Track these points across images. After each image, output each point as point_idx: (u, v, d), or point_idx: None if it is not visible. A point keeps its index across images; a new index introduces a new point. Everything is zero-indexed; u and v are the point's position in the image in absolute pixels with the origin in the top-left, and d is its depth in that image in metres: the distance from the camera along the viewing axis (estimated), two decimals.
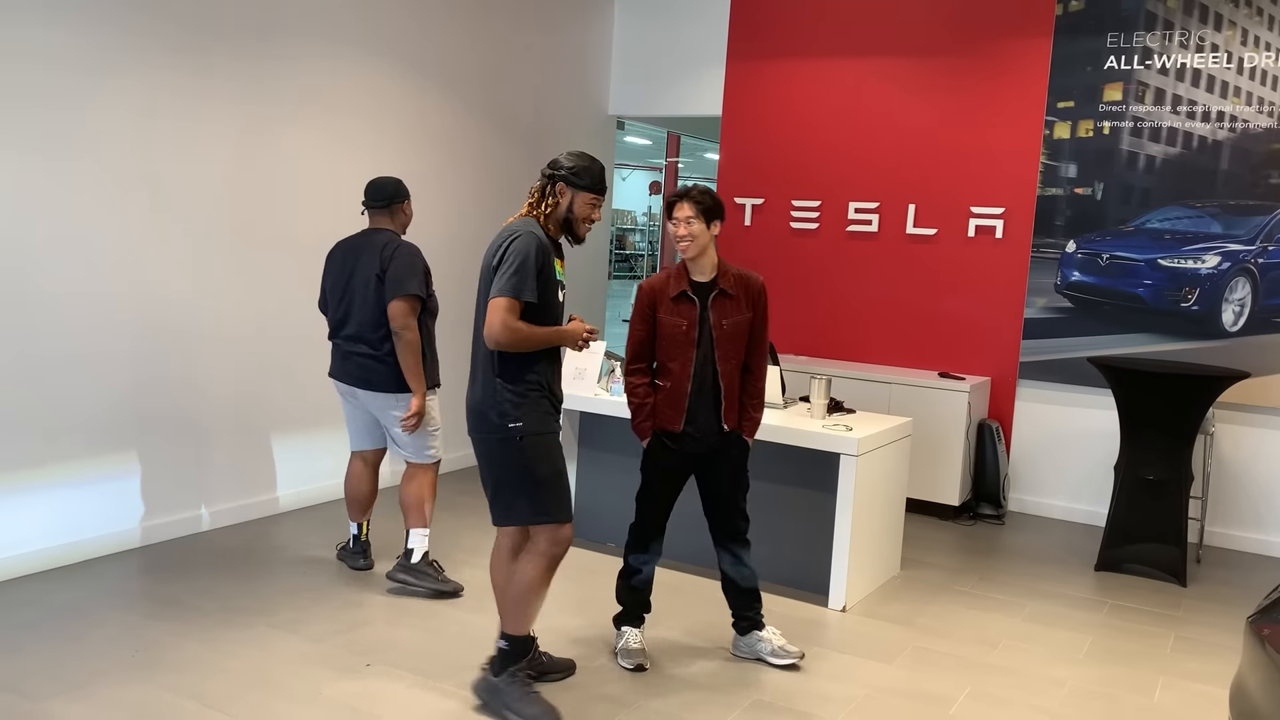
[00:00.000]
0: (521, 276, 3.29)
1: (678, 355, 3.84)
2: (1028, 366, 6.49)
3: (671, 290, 3.85)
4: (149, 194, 4.86)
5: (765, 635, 4.03)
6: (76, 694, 3.44)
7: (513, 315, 3.29)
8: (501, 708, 3.42)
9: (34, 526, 4.56)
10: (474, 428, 3.46)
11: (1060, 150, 6.36)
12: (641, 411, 3.88)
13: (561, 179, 3.47)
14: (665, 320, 3.84)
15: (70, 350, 4.61)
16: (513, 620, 3.45)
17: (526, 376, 3.38)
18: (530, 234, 3.36)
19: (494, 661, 3.49)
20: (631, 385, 3.91)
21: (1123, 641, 4.47)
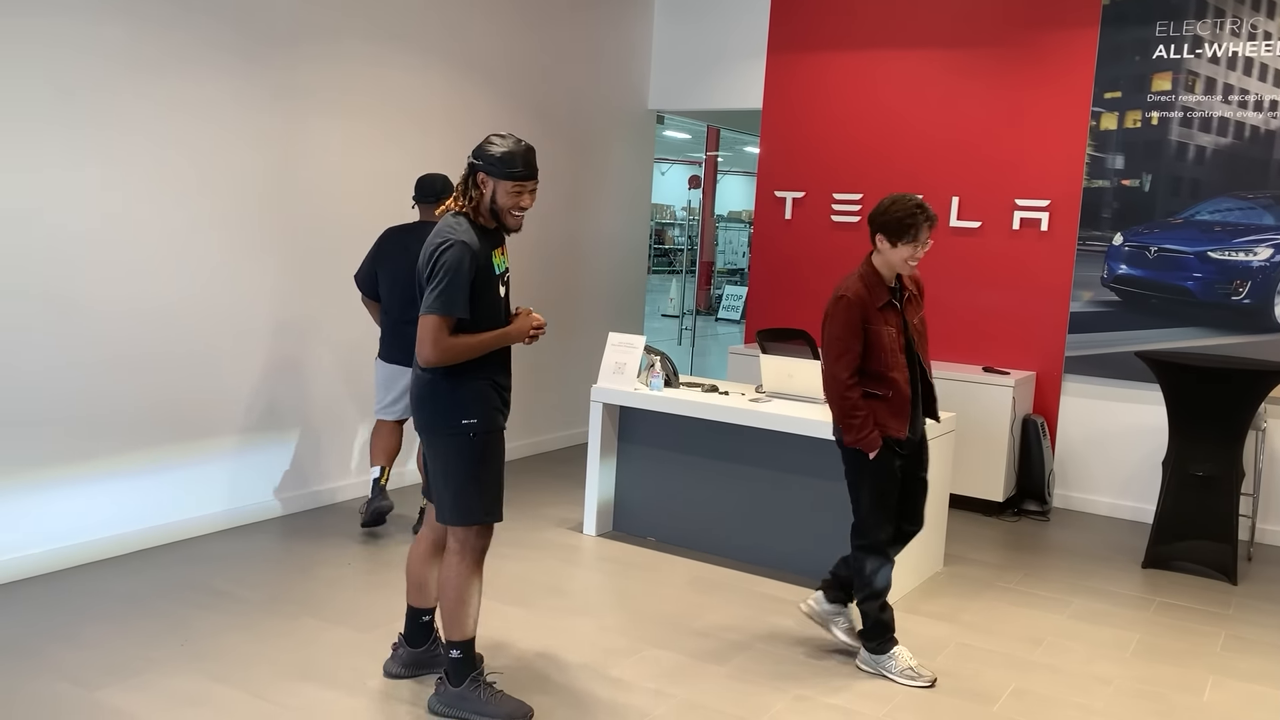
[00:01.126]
0: (451, 293, 3.16)
1: (896, 364, 3.79)
2: (1073, 361, 6.40)
3: (877, 300, 3.79)
4: (192, 191, 4.93)
5: (847, 611, 4.09)
6: (128, 683, 3.51)
7: (443, 333, 3.17)
8: (471, 714, 3.33)
9: (88, 517, 4.65)
10: (423, 421, 3.35)
11: (1107, 141, 6.26)
12: (869, 423, 3.75)
13: (480, 168, 3.25)
14: (879, 330, 3.77)
15: (120, 346, 4.69)
16: (456, 626, 3.35)
17: (471, 370, 3.28)
18: (460, 243, 3.19)
19: (449, 674, 3.38)
20: (855, 400, 3.74)
21: (1171, 640, 4.41)
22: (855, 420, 3.75)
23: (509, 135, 3.30)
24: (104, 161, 4.56)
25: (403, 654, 3.67)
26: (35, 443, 4.43)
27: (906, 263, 3.77)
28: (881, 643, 3.88)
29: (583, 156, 7.42)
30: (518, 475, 6.63)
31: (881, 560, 3.89)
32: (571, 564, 4.99)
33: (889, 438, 3.79)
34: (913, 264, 3.78)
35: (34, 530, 4.46)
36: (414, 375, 3.38)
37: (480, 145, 3.28)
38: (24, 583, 4.36)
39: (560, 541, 5.31)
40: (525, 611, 4.31)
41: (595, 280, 7.70)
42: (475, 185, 3.28)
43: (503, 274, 3.39)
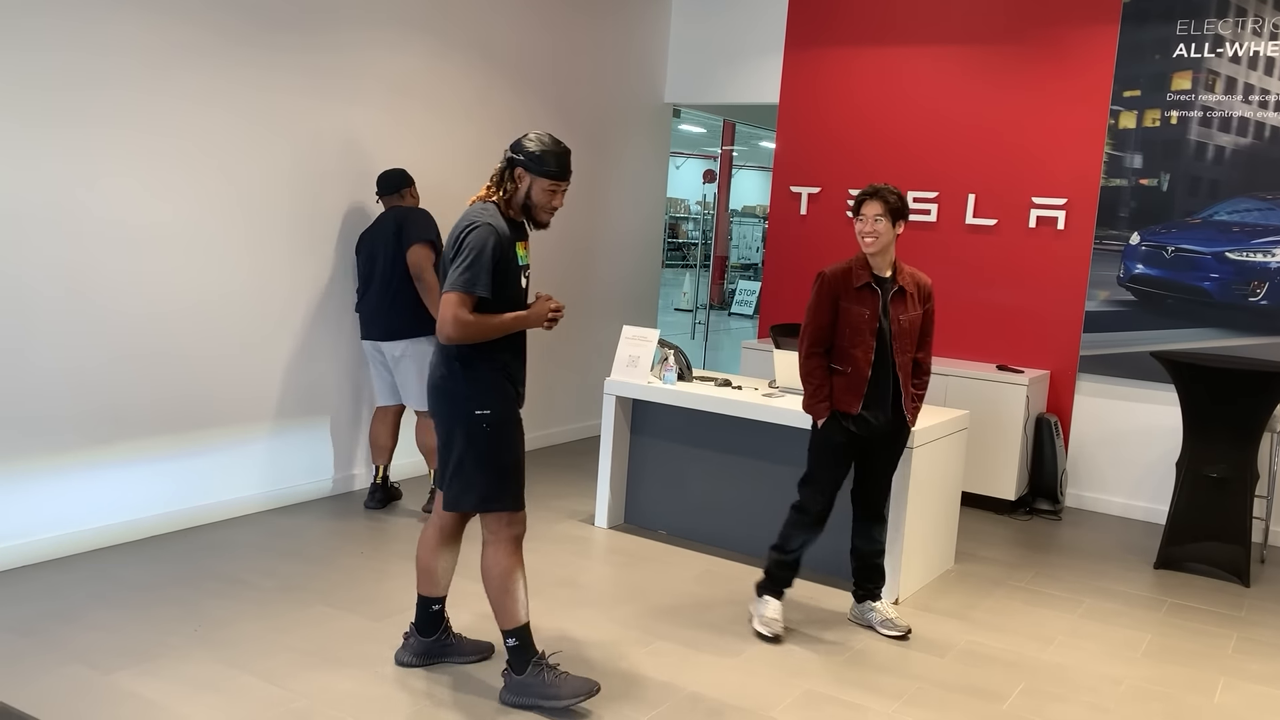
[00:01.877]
0: (475, 271, 3.20)
1: (860, 343, 4.00)
2: (1088, 360, 6.38)
3: (855, 281, 4.01)
4: (214, 180, 4.96)
5: (878, 606, 4.26)
6: (142, 667, 3.54)
7: (464, 309, 3.21)
8: (538, 699, 3.36)
9: (105, 503, 4.69)
10: (437, 410, 3.40)
11: (1125, 140, 6.24)
12: (820, 393, 4.05)
13: (520, 164, 3.32)
14: (849, 309, 4.00)
15: (139, 334, 4.72)
16: (507, 616, 3.38)
17: (490, 361, 3.33)
18: (487, 225, 3.25)
19: (511, 664, 3.42)
20: (810, 368, 4.05)
21: (1182, 641, 4.40)
22: (809, 387, 4.06)
23: (548, 134, 3.38)
24: (128, 155, 4.58)
25: (414, 643, 3.69)
26: (54, 429, 4.46)
27: (862, 238, 3.99)
28: (762, 585, 4.22)
29: (598, 149, 7.43)
30: (530, 467, 6.65)
31: (804, 525, 4.10)
32: (583, 556, 5.01)
33: (840, 412, 4.02)
34: (867, 239, 3.97)
35: (51, 515, 4.50)
36: (430, 365, 3.44)
37: (519, 141, 3.34)
38: (40, 566, 4.40)
39: (572, 533, 5.32)
40: (537, 602, 4.33)
41: (609, 273, 7.71)
42: (512, 179, 3.35)
43: (524, 267, 3.42)
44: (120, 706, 3.26)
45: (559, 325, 7.23)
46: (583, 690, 3.37)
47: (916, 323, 4.10)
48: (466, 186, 6.34)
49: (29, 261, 4.31)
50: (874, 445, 4.12)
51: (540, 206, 3.37)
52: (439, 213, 5.86)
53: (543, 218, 3.40)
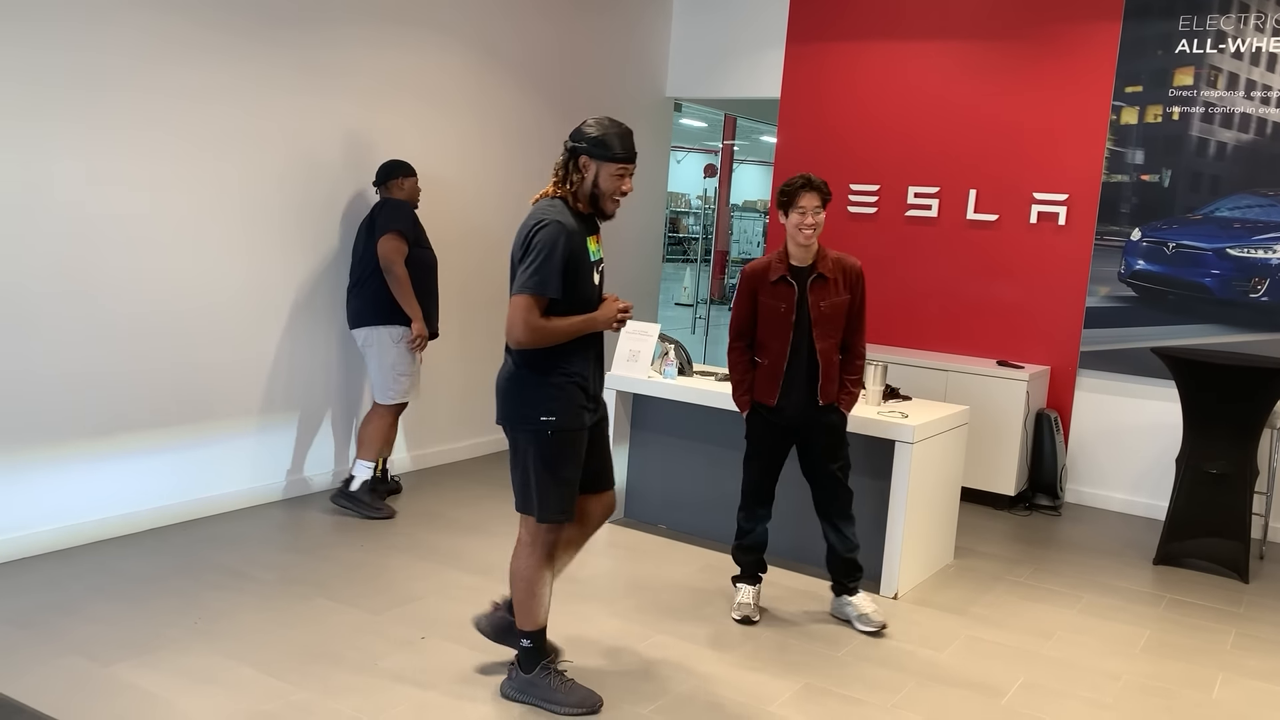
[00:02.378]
0: (546, 272, 3.11)
1: (776, 335, 4.09)
2: (1089, 356, 6.38)
3: (772, 275, 4.10)
4: (211, 175, 4.95)
5: (855, 601, 4.26)
6: (141, 659, 3.54)
7: (534, 313, 3.12)
8: (541, 701, 3.37)
9: (104, 496, 4.69)
10: (503, 416, 3.32)
11: (1127, 136, 6.23)
12: (741, 386, 4.20)
13: (584, 152, 3.21)
14: (765, 303, 4.10)
15: (137, 326, 4.72)
16: (527, 617, 3.36)
17: (560, 367, 3.23)
18: (556, 222, 3.15)
19: (520, 661, 3.42)
20: (732, 361, 4.21)
21: (1181, 636, 4.40)
22: (731, 379, 4.24)
23: (606, 117, 3.28)
24: (125, 152, 4.58)
25: (498, 617, 3.58)
26: (54, 423, 4.46)
27: (799, 229, 3.98)
28: (735, 577, 4.34)
29: None
30: None
31: (748, 505, 4.25)
32: (583, 550, 4.99)
33: (760, 403, 4.15)
34: (806, 231, 3.96)
35: (50, 507, 4.50)
36: (500, 370, 3.34)
37: (579, 129, 3.24)
38: (39, 559, 4.41)
39: None
40: None
41: (610, 267, 7.69)
42: (577, 169, 3.24)
43: (597, 262, 3.32)
44: (119, 698, 3.27)
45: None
46: (586, 703, 3.37)
47: (840, 308, 4.09)
48: (467, 182, 6.34)
49: (28, 257, 4.30)
50: (803, 434, 4.17)
51: (608, 194, 3.26)
52: (439, 209, 5.87)
53: (610, 206, 3.29)
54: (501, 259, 6.68)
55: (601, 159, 3.22)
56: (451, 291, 6.31)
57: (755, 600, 4.27)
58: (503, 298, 6.71)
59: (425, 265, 5.23)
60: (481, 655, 3.74)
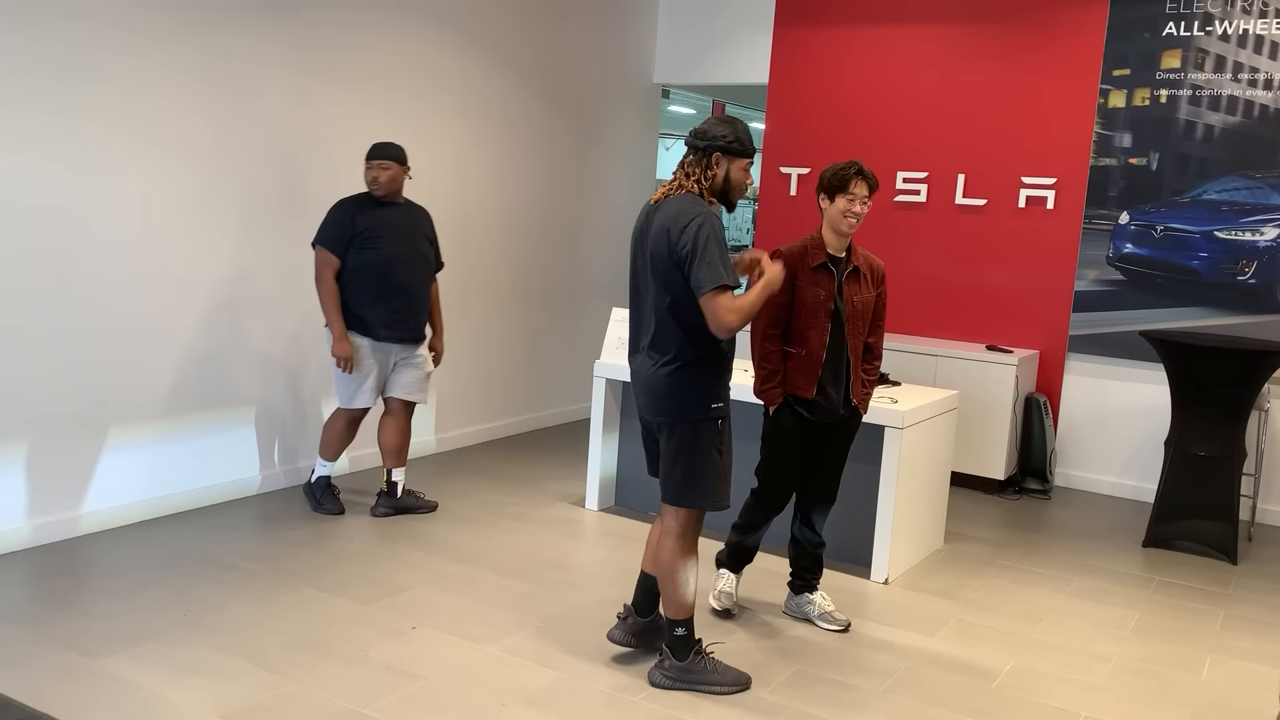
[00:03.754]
0: (725, 262, 3.26)
1: (815, 324, 3.88)
2: (1077, 340, 6.39)
3: (812, 260, 3.90)
4: (199, 163, 4.92)
5: (815, 599, 4.15)
6: (131, 652, 3.53)
7: (732, 300, 3.26)
8: (699, 685, 3.47)
9: (92, 489, 4.66)
10: (666, 410, 3.40)
11: (1115, 119, 6.22)
12: (775, 377, 3.93)
13: (719, 149, 3.39)
14: (805, 289, 3.88)
15: (126, 318, 4.69)
16: (673, 605, 3.47)
17: (719, 355, 3.40)
18: (708, 215, 3.31)
19: (672, 649, 3.50)
20: (766, 351, 3.93)
21: (1170, 619, 4.42)
22: (763, 371, 3.95)
23: (728, 117, 3.46)
24: (111, 134, 4.54)
25: (631, 623, 3.71)
26: (38, 415, 4.43)
27: (844, 216, 3.86)
28: (721, 558, 4.21)
29: (587, 131, 7.39)
30: (521, 450, 6.65)
31: (763, 508, 4.06)
32: (573, 538, 5.01)
33: (793, 396, 3.93)
34: (851, 219, 3.86)
35: (36, 501, 4.48)
36: (653, 368, 3.42)
37: (705, 129, 3.41)
38: (28, 552, 4.38)
39: (562, 516, 5.32)
40: (527, 584, 4.33)
41: (599, 255, 7.68)
42: (710, 165, 3.40)
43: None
44: (110, 691, 3.25)
45: (552, 308, 7.23)
46: (741, 682, 3.49)
47: (870, 305, 4.00)
48: (450, 168, 6.31)
49: (7, 249, 4.27)
50: (826, 431, 4.01)
51: (738, 187, 3.45)
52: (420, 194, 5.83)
53: (737, 198, 3.48)
54: (492, 248, 6.65)
55: (733, 155, 3.41)
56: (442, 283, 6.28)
57: (736, 590, 4.16)
58: (497, 287, 6.69)
59: (375, 266, 4.86)
60: (470, 644, 3.74)
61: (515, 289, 6.93)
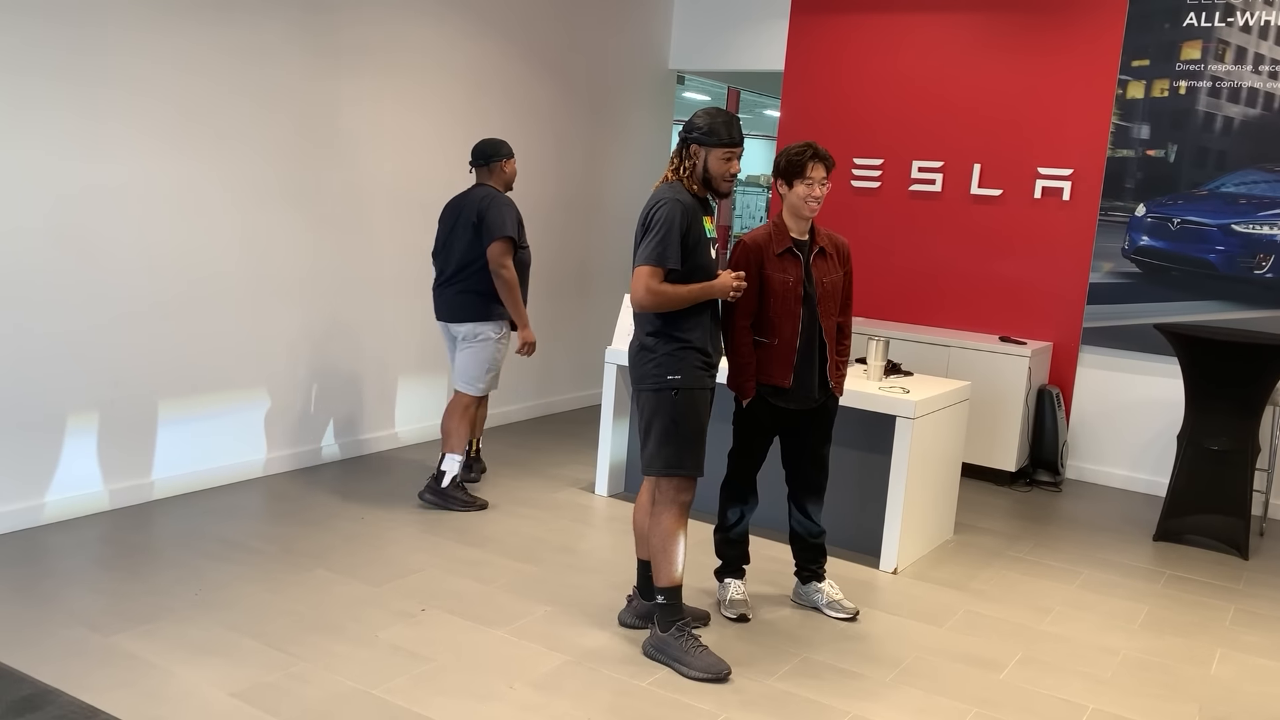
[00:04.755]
0: (665, 245, 3.42)
1: (786, 312, 3.84)
2: (1091, 332, 6.36)
3: (776, 247, 3.86)
4: (213, 145, 4.92)
5: (823, 587, 4.13)
6: (143, 629, 3.55)
7: (655, 280, 3.42)
8: (671, 660, 3.51)
9: (104, 468, 4.69)
10: (634, 376, 3.61)
11: (1133, 110, 6.18)
12: (747, 370, 3.86)
13: (694, 140, 3.54)
14: (774, 277, 3.84)
15: (139, 298, 4.71)
16: (662, 574, 3.56)
17: (679, 334, 3.51)
18: (674, 200, 3.46)
19: (656, 619, 3.59)
20: (738, 342, 3.85)
21: (1180, 613, 4.41)
22: (735, 362, 3.88)
23: (714, 108, 3.59)
24: (131, 118, 4.55)
25: (637, 605, 3.84)
26: (51, 394, 4.46)
27: (806, 202, 3.82)
28: (719, 571, 4.14)
29: (601, 116, 7.37)
30: (531, 436, 6.66)
31: (736, 497, 4.05)
32: (583, 523, 5.02)
33: (768, 385, 3.88)
34: (812, 203, 3.82)
35: (50, 480, 4.51)
36: (631, 341, 3.65)
37: (690, 120, 3.57)
38: (40, 530, 4.42)
39: (572, 501, 5.33)
40: (536, 568, 4.35)
41: (611, 242, 7.67)
42: (689, 155, 3.57)
43: (712, 240, 3.61)
44: (121, 668, 3.28)
45: (564, 294, 7.23)
46: (713, 670, 3.48)
47: (839, 284, 3.96)
48: (464, 155, 6.30)
49: (20, 228, 4.28)
50: (803, 418, 3.96)
51: (718, 176, 3.55)
52: (435, 181, 5.84)
53: (723, 187, 3.58)
54: None
55: (709, 145, 3.53)
56: None
57: (745, 594, 4.08)
58: None
59: (522, 265, 5.05)
60: (479, 627, 3.75)
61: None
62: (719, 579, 4.14)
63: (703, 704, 3.31)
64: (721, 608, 4.05)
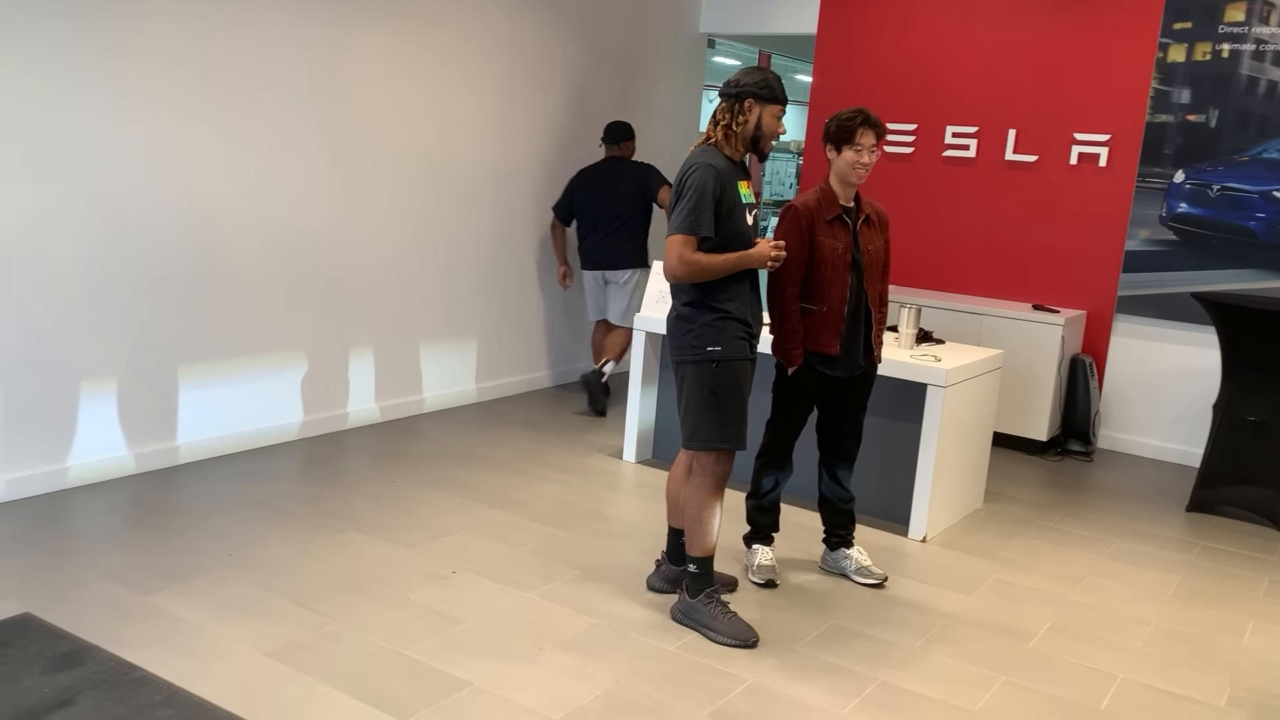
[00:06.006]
0: (698, 212, 3.33)
1: (836, 279, 3.81)
2: (1126, 301, 6.28)
3: (827, 213, 3.82)
4: (237, 104, 4.93)
5: (851, 554, 4.13)
6: (178, 588, 3.60)
7: (688, 249, 3.35)
8: (699, 626, 3.52)
9: (138, 430, 4.74)
10: (672, 347, 3.55)
11: (1174, 74, 6.05)
12: (795, 337, 3.81)
13: (749, 95, 3.42)
14: (823, 243, 3.80)
15: (169, 260, 4.73)
16: (695, 543, 3.54)
17: (717, 304, 3.43)
18: (707, 165, 3.37)
19: (686, 586, 3.59)
20: (786, 309, 3.79)
21: (1213, 583, 4.37)
22: (783, 329, 3.83)
23: (758, 67, 3.52)
24: (155, 79, 4.56)
25: (665, 570, 3.84)
26: (86, 356, 4.50)
27: (854, 168, 3.77)
28: (748, 536, 4.15)
29: (631, 81, 7.31)
30: (560, 401, 6.67)
31: (772, 466, 4.04)
32: (611, 489, 5.03)
33: (815, 353, 3.84)
34: (860, 170, 3.77)
35: (84, 442, 4.56)
36: (669, 312, 3.58)
37: (737, 78, 3.46)
38: (75, 491, 4.48)
39: (600, 467, 5.34)
40: (565, 533, 4.37)
41: None
42: (741, 112, 3.44)
43: (749, 205, 3.51)
44: (156, 626, 3.33)
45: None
46: (741, 636, 3.48)
47: (882, 252, 3.95)
48: (494, 120, 6.28)
49: (52, 187, 4.31)
50: (844, 386, 3.96)
51: (769, 134, 3.48)
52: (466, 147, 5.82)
53: (768, 147, 3.51)
54: (534, 200, 6.64)
55: (766, 101, 3.44)
56: (486, 233, 6.30)
57: (773, 560, 4.08)
58: (539, 238, 6.69)
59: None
60: (513, 590, 3.78)
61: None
62: (748, 545, 4.15)
63: (730, 669, 3.33)
64: (750, 573, 4.06)
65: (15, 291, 4.22)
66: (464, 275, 6.25)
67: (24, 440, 4.34)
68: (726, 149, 3.48)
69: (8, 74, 4.08)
